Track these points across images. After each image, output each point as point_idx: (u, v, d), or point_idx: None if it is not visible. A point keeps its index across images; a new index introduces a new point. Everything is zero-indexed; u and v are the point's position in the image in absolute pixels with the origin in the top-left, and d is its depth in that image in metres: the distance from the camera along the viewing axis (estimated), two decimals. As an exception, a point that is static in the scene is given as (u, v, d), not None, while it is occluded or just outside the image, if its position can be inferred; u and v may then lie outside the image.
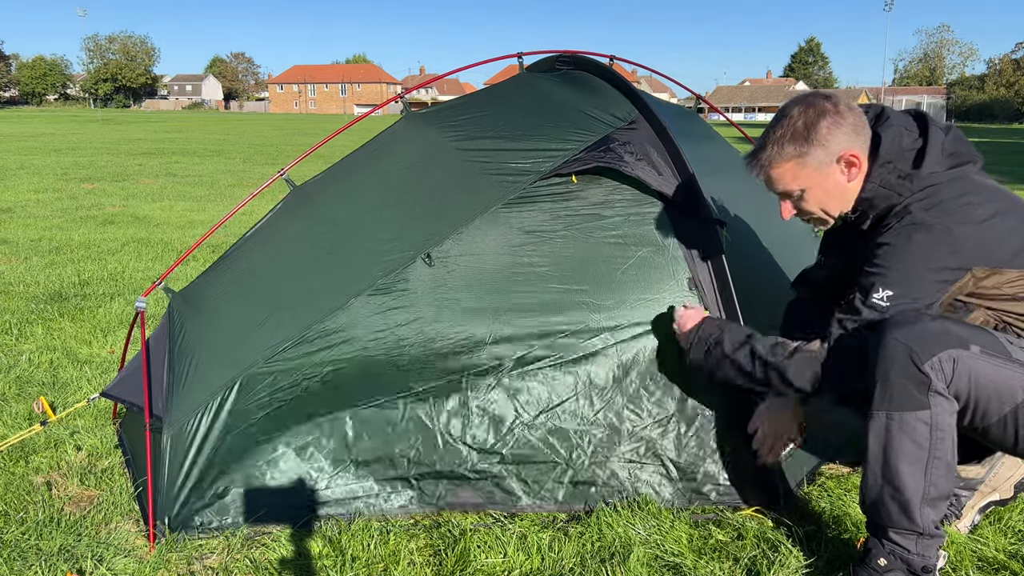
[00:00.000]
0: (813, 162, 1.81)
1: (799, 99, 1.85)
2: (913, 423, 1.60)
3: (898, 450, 1.62)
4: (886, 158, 1.79)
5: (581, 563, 1.89)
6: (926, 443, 1.61)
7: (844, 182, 1.83)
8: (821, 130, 1.78)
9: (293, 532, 2.01)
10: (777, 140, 1.82)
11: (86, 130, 28.90)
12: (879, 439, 1.64)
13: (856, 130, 1.81)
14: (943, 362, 1.58)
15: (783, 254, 2.80)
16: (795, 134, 1.80)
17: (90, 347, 3.63)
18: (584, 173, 2.28)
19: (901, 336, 1.61)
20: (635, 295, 2.22)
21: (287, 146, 21.41)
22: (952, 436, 1.62)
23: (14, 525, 2.04)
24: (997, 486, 2.05)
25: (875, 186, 1.80)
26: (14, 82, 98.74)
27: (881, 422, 1.63)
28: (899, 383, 1.60)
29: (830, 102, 1.81)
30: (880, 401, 1.63)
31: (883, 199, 1.80)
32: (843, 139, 1.79)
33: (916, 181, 1.76)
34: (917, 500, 1.63)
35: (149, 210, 8.44)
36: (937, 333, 1.61)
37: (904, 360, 1.59)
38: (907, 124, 1.84)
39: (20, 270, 5.32)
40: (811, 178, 1.83)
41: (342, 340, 2.13)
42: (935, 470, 1.62)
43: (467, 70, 2.93)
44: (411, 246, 2.20)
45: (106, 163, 14.51)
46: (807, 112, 1.80)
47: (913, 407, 1.60)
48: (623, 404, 2.18)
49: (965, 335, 1.62)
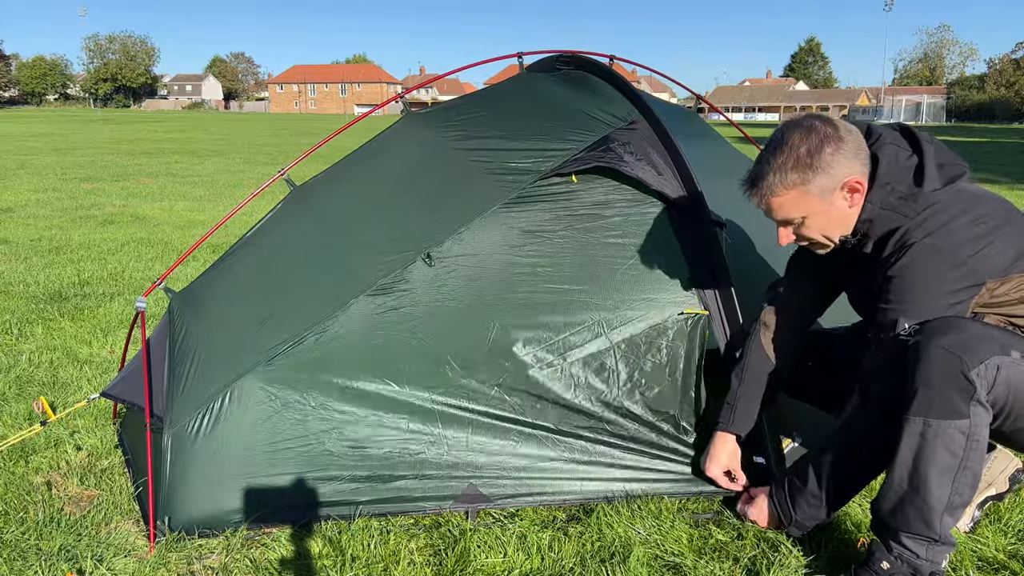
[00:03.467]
0: (816, 190, 1.75)
1: (796, 123, 1.78)
2: (951, 432, 1.58)
3: (930, 458, 1.60)
4: (885, 179, 1.75)
5: (581, 563, 1.89)
6: (960, 452, 1.59)
7: (847, 208, 1.78)
8: (825, 157, 1.73)
9: (293, 532, 2.01)
10: (778, 168, 1.75)
11: (86, 130, 28.90)
12: (912, 445, 1.61)
13: (856, 153, 1.76)
14: (988, 369, 1.56)
15: (783, 254, 2.80)
16: (798, 162, 1.73)
17: (90, 347, 3.63)
18: (584, 173, 2.28)
19: (948, 344, 1.57)
20: (635, 295, 2.22)
21: (287, 146, 21.41)
22: (985, 446, 1.61)
23: (14, 525, 2.04)
24: (993, 480, 2.06)
25: (875, 208, 1.76)
26: (14, 82, 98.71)
27: (917, 428, 1.60)
28: (943, 391, 1.56)
29: (830, 126, 1.75)
30: (919, 407, 1.59)
31: (885, 221, 1.75)
32: (845, 165, 1.74)
33: (920, 200, 1.71)
34: (940, 508, 1.62)
35: (149, 210, 8.44)
36: (981, 340, 1.58)
37: (951, 368, 1.55)
38: (898, 141, 1.80)
39: (20, 270, 5.32)
40: (814, 206, 1.77)
41: (342, 340, 2.13)
42: (963, 480, 1.60)
43: (467, 70, 2.94)
44: (411, 246, 2.20)
45: (106, 163, 14.50)
46: (809, 138, 1.73)
47: (953, 416, 1.57)
48: (623, 404, 2.18)
49: (1005, 340, 1.60)
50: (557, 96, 2.56)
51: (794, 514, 1.90)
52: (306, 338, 2.12)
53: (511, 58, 2.88)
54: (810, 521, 1.91)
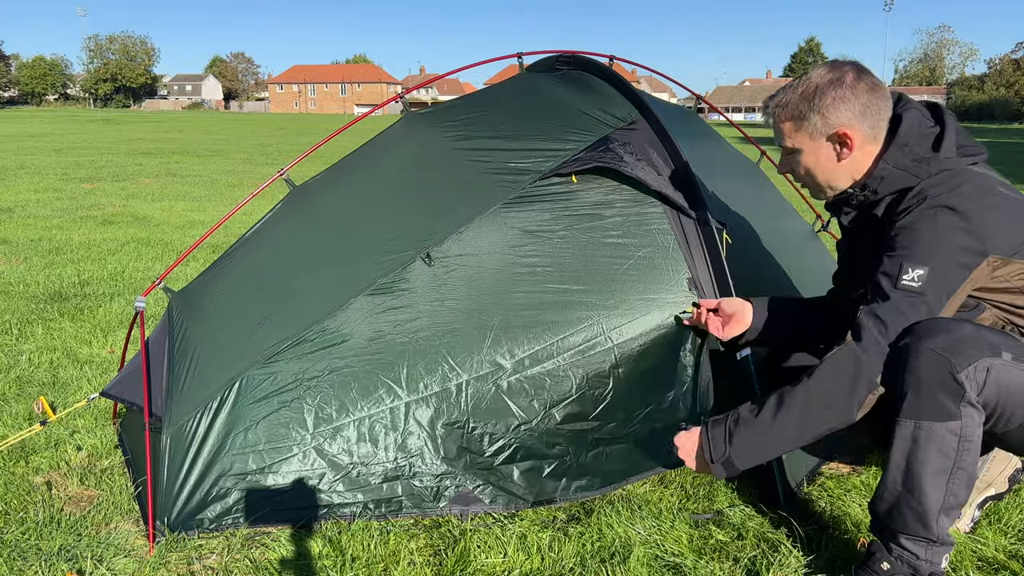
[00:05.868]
0: (808, 127, 1.80)
1: (834, 61, 1.82)
2: (942, 434, 1.57)
3: (923, 460, 1.59)
4: (904, 140, 1.75)
5: (581, 563, 1.89)
6: (952, 454, 1.58)
7: (834, 159, 1.81)
8: (826, 99, 1.76)
9: (293, 532, 2.01)
10: (790, 93, 1.82)
11: (86, 130, 28.89)
12: (904, 448, 1.61)
13: (865, 111, 1.76)
14: (977, 371, 1.55)
15: (783, 254, 2.80)
16: (804, 94, 1.79)
17: (90, 347, 3.63)
18: (584, 173, 2.28)
19: (936, 345, 1.56)
20: (635, 295, 2.22)
21: (287, 146, 21.41)
22: (978, 447, 1.60)
23: (14, 525, 2.04)
24: (992, 480, 2.06)
25: (889, 167, 1.76)
26: (14, 82, 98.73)
27: (908, 430, 1.60)
28: (932, 394, 1.56)
29: (852, 74, 1.77)
30: (909, 410, 1.59)
31: (897, 180, 1.75)
32: (845, 115, 1.76)
33: (934, 164, 1.72)
34: (936, 509, 1.61)
35: (149, 210, 8.44)
36: (971, 341, 1.57)
37: (940, 370, 1.55)
38: (923, 110, 1.82)
39: (20, 270, 5.32)
40: (804, 143, 1.83)
41: (342, 340, 2.13)
42: (957, 480, 1.60)
43: (467, 70, 2.94)
44: (411, 246, 2.20)
45: (106, 163, 14.50)
46: (825, 76, 1.78)
47: (944, 418, 1.57)
48: (623, 403, 2.18)
49: (996, 341, 1.60)
50: (557, 96, 2.56)
51: (728, 448, 1.78)
52: (305, 338, 2.12)
53: (511, 58, 2.88)
54: (741, 460, 1.78)
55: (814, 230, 3.54)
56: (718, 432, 1.81)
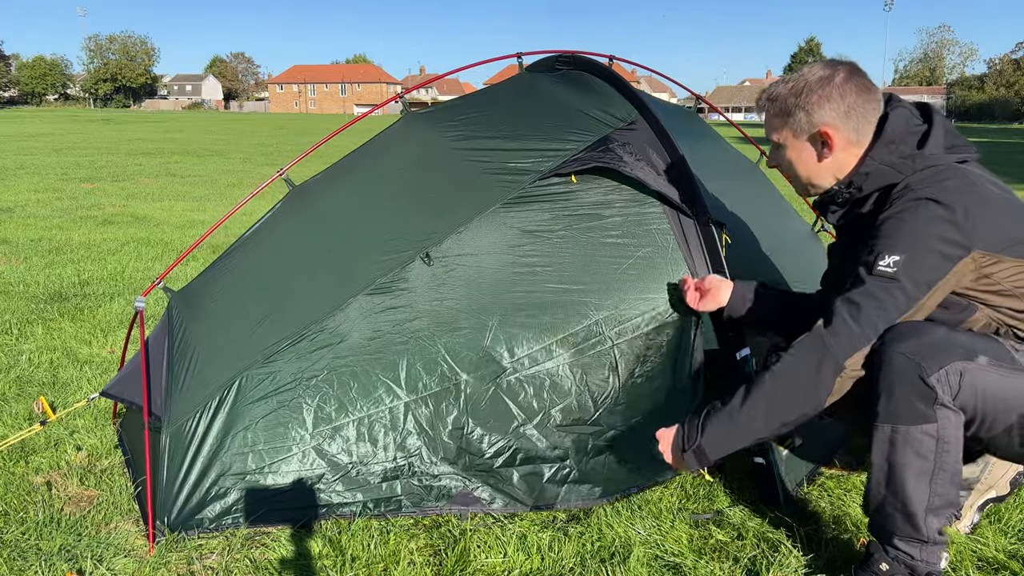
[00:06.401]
0: (793, 123, 1.81)
1: (831, 61, 1.82)
2: (919, 437, 1.58)
3: (903, 463, 1.60)
4: (890, 137, 1.75)
5: (581, 563, 1.89)
6: (931, 456, 1.59)
7: (815, 158, 1.82)
8: (812, 96, 1.77)
9: (293, 532, 2.01)
10: (781, 87, 1.83)
11: (86, 130, 28.89)
12: (883, 451, 1.62)
13: (850, 112, 1.76)
14: (950, 375, 1.55)
15: (783, 254, 2.80)
16: (793, 89, 1.80)
17: (90, 347, 3.63)
18: (584, 173, 2.28)
19: (906, 349, 1.57)
20: (635, 295, 2.22)
21: (287, 146, 21.41)
22: (958, 448, 1.60)
23: (14, 525, 2.04)
24: (993, 483, 2.05)
25: (875, 164, 1.76)
26: (14, 82, 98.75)
27: (885, 435, 1.61)
28: (904, 397, 1.57)
29: (843, 74, 1.77)
30: (884, 414, 1.60)
31: (882, 176, 1.75)
32: (829, 115, 1.76)
33: (919, 161, 1.72)
34: (921, 511, 1.62)
35: (149, 210, 8.44)
36: (943, 345, 1.57)
37: (910, 374, 1.56)
38: (911, 108, 1.83)
39: (20, 270, 5.32)
40: (788, 139, 1.84)
41: (341, 339, 2.13)
42: (940, 481, 1.60)
43: (467, 70, 2.94)
44: (410, 245, 2.20)
45: (106, 163, 14.50)
46: (817, 73, 1.78)
47: (919, 421, 1.57)
48: (623, 403, 2.18)
49: (971, 345, 1.59)
50: (557, 96, 2.56)
51: (699, 437, 1.78)
52: (304, 337, 2.13)
53: (511, 58, 2.88)
54: (712, 450, 1.78)
55: (814, 230, 3.53)
56: (693, 423, 1.83)
